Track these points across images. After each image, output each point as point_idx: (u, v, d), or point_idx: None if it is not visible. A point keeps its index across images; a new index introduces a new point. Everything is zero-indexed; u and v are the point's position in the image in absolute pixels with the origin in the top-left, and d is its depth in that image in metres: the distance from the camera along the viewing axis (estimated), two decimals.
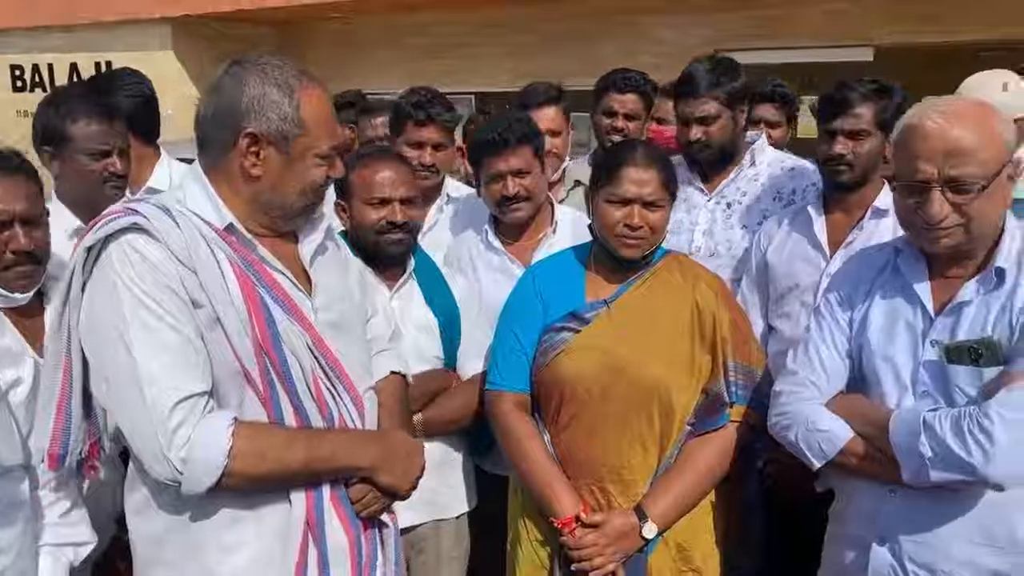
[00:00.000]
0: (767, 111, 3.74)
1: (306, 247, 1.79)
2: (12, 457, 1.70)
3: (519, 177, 2.54)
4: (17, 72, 10.70)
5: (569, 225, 2.68)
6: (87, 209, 2.42)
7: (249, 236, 1.67)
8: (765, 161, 2.96)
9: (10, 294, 1.98)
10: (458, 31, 8.90)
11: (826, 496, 2.15)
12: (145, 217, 1.55)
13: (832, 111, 2.52)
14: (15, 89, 10.61)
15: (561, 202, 3.25)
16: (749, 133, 3.03)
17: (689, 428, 2.11)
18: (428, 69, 9.08)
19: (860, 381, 1.92)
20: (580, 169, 3.43)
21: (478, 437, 2.45)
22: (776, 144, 3.53)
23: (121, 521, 2.14)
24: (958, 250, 1.79)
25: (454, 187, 3.18)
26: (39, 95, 10.08)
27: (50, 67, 10.43)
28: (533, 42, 8.49)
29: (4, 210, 1.96)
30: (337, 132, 1.73)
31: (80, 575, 1.95)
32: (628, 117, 3.43)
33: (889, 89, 2.51)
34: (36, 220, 2.02)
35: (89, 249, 1.56)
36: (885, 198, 2.52)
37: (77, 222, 3.06)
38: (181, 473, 1.50)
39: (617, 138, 3.29)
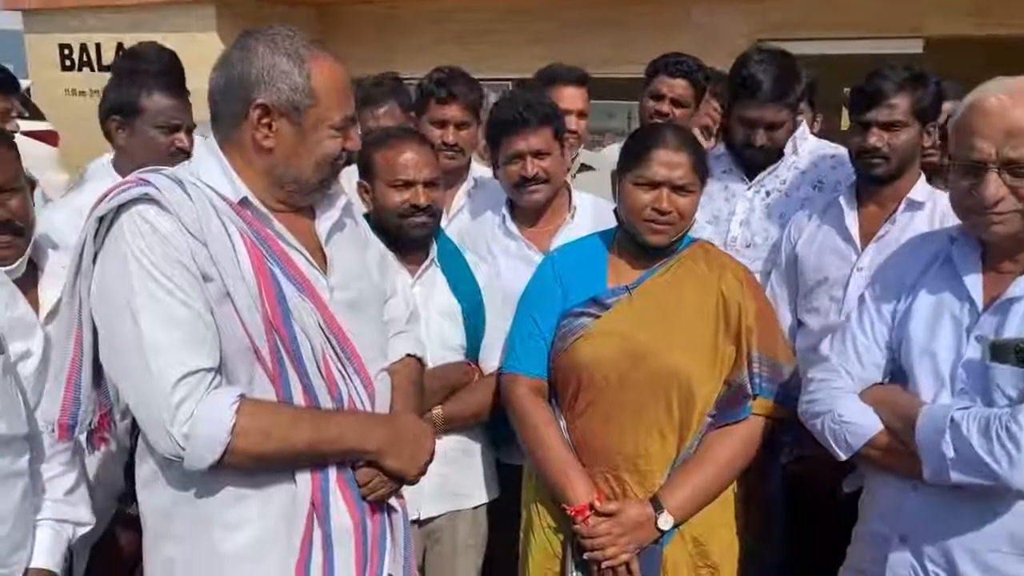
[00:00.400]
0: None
1: (323, 223, 1.76)
2: (17, 427, 1.68)
3: (538, 158, 2.47)
4: (66, 51, 10.90)
5: (589, 211, 2.61)
6: None
7: (264, 210, 1.64)
8: (807, 149, 2.88)
9: None
10: (496, 17, 8.86)
11: (853, 495, 2.10)
12: (156, 188, 1.54)
13: (865, 102, 2.42)
14: (63, 68, 10.80)
15: None
16: None
17: (710, 419, 2.06)
18: (466, 54, 9.06)
19: (899, 375, 1.85)
20: (588, 154, 3.36)
21: (497, 429, 2.41)
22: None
23: (122, 498, 2.16)
24: (1014, 239, 1.69)
25: (480, 170, 3.13)
26: (87, 74, 10.34)
27: (97, 47, 10.60)
28: (571, 30, 8.42)
29: None
30: (351, 103, 1.68)
31: (78, 554, 1.94)
32: (676, 103, 3.31)
33: (924, 77, 2.41)
34: (9, 188, 1.91)
35: (101, 219, 1.55)
36: (921, 189, 2.43)
37: None
38: (183, 448, 1.49)
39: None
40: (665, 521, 1.98)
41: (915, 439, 1.68)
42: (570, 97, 3.25)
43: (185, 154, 2.46)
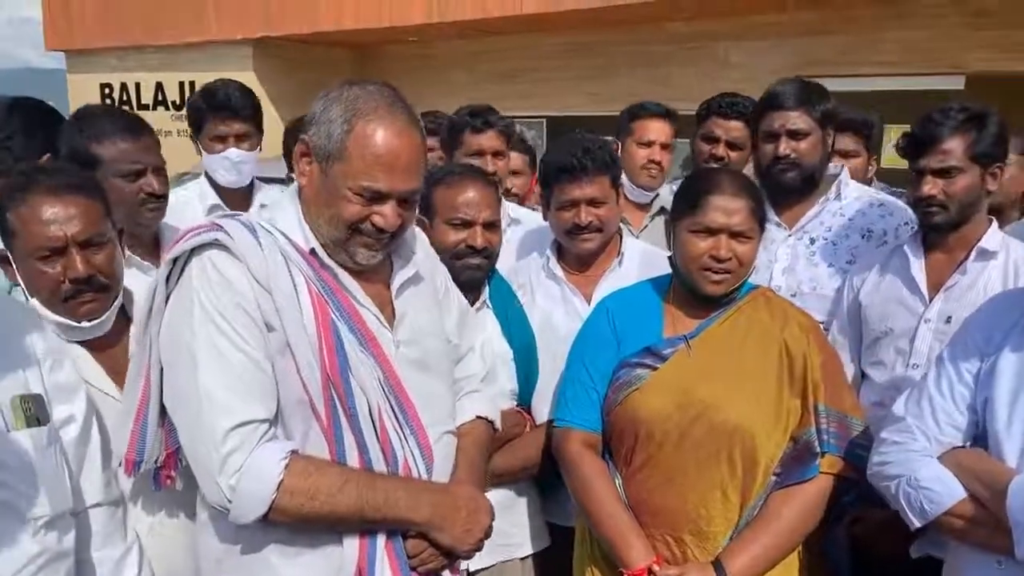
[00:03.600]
0: (844, 141, 3.46)
1: (397, 278, 1.73)
2: (61, 504, 1.60)
3: (593, 206, 2.38)
4: (107, 90, 11.15)
5: (637, 259, 2.51)
6: (129, 234, 2.31)
7: (330, 263, 1.63)
8: (851, 195, 2.75)
9: (77, 324, 1.82)
10: (532, 55, 8.91)
11: (921, 561, 1.98)
12: (228, 234, 1.54)
13: (917, 148, 2.30)
14: None
15: (643, 229, 3.15)
16: (830, 165, 2.83)
17: (775, 478, 1.95)
18: (501, 92, 9.10)
19: (982, 439, 1.74)
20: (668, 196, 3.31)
21: (544, 486, 2.34)
22: (854, 176, 3.36)
23: None
24: None
25: (514, 209, 3.08)
26: None
27: (137, 86, 10.83)
28: (606, 67, 8.44)
29: (55, 235, 1.78)
30: (389, 179, 1.58)
31: None
32: (731, 145, 3.23)
33: (983, 116, 2.26)
34: (96, 242, 1.84)
35: (174, 261, 1.56)
36: (992, 238, 2.30)
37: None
38: (230, 500, 1.47)
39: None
40: None
41: (1007, 512, 1.56)
42: (651, 128, 3.26)
43: (157, 198, 2.36)
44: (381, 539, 1.59)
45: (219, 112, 3.11)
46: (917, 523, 1.72)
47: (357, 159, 1.56)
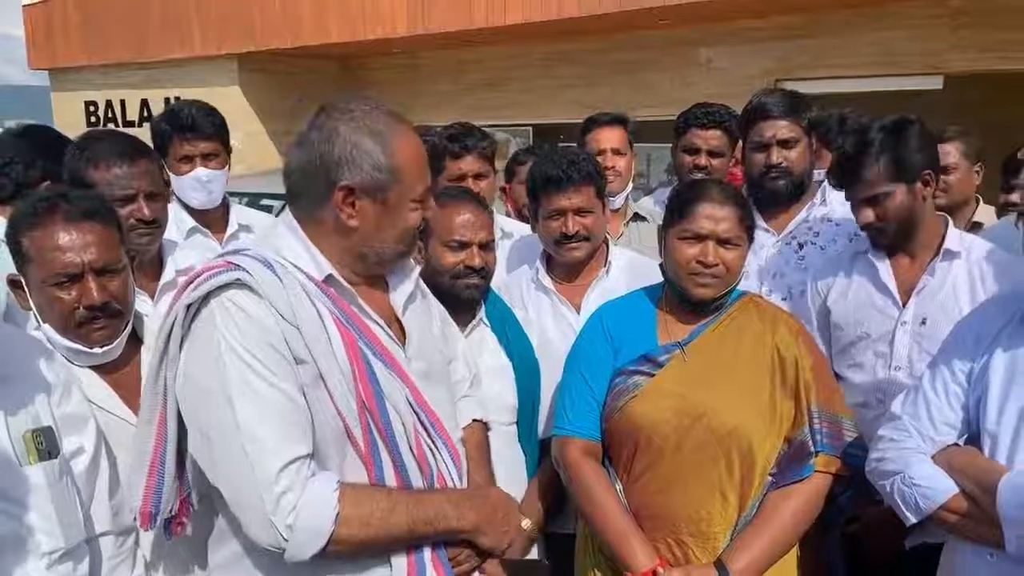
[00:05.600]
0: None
1: (399, 295, 1.75)
2: (76, 536, 1.61)
3: (580, 215, 2.45)
4: (91, 108, 11.14)
5: (624, 267, 2.58)
6: None
7: (348, 287, 1.63)
8: (836, 200, 2.81)
9: (89, 350, 1.83)
10: (516, 64, 8.98)
11: (915, 553, 2.03)
12: (248, 272, 1.52)
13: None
14: (89, 124, 11.02)
15: (620, 236, 3.21)
16: (816, 172, 2.91)
17: (771, 479, 2.01)
18: (487, 102, 9.17)
19: (976, 437, 1.80)
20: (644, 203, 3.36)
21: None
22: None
23: None
24: None
25: (506, 223, 3.14)
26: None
27: (122, 103, 10.83)
28: (588, 75, 8.51)
29: (72, 261, 1.79)
30: (428, 173, 1.68)
31: None
32: (712, 154, 3.28)
33: (901, 130, 2.30)
34: (111, 269, 1.84)
35: (189, 306, 1.53)
36: (953, 238, 2.37)
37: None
38: (286, 540, 1.46)
39: (699, 176, 3.18)
40: None
41: (997, 509, 1.62)
42: (605, 137, 3.29)
43: (148, 224, 2.36)
44: (427, 551, 1.60)
45: (183, 133, 3.03)
46: (913, 519, 1.77)
47: (408, 173, 1.60)
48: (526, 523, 2.22)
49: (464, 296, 2.29)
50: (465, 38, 8.41)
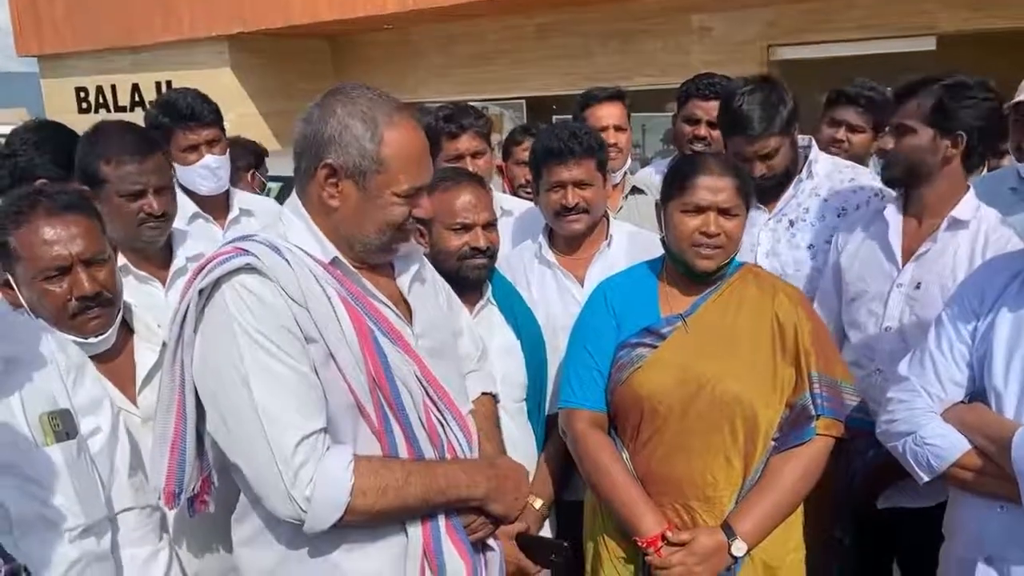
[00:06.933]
0: (849, 115, 3.50)
1: (404, 276, 1.79)
2: (97, 512, 1.67)
3: (580, 188, 2.48)
4: (82, 94, 11.09)
5: (625, 241, 2.62)
6: (129, 249, 2.40)
7: (353, 269, 1.68)
8: (822, 172, 2.82)
9: (84, 340, 1.87)
10: (507, 37, 8.94)
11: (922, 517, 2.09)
12: (256, 257, 1.57)
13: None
14: (80, 111, 10.98)
15: (619, 210, 3.24)
16: (800, 137, 2.87)
17: (774, 443, 2.07)
18: (479, 76, 9.14)
19: (982, 394, 1.84)
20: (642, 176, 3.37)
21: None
22: (855, 152, 3.40)
23: None
24: None
25: (506, 201, 3.16)
26: (103, 116, 10.46)
27: (113, 88, 10.78)
28: (581, 46, 8.48)
29: (60, 254, 1.82)
30: (423, 173, 1.69)
31: None
32: (712, 125, 3.26)
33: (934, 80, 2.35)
34: (99, 260, 1.89)
35: (201, 291, 1.58)
36: (966, 207, 2.36)
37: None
38: (305, 512, 1.52)
39: (699, 147, 3.20)
40: (739, 548, 1.98)
41: (1012, 463, 1.66)
42: (605, 114, 3.33)
43: (157, 218, 2.40)
44: (442, 520, 1.67)
45: (185, 123, 3.04)
46: (925, 478, 1.82)
47: (396, 165, 1.62)
48: (538, 503, 2.29)
49: (472, 277, 2.32)
50: (455, 12, 8.38)
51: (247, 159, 4.39)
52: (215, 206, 3.20)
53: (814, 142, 2.94)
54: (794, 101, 2.71)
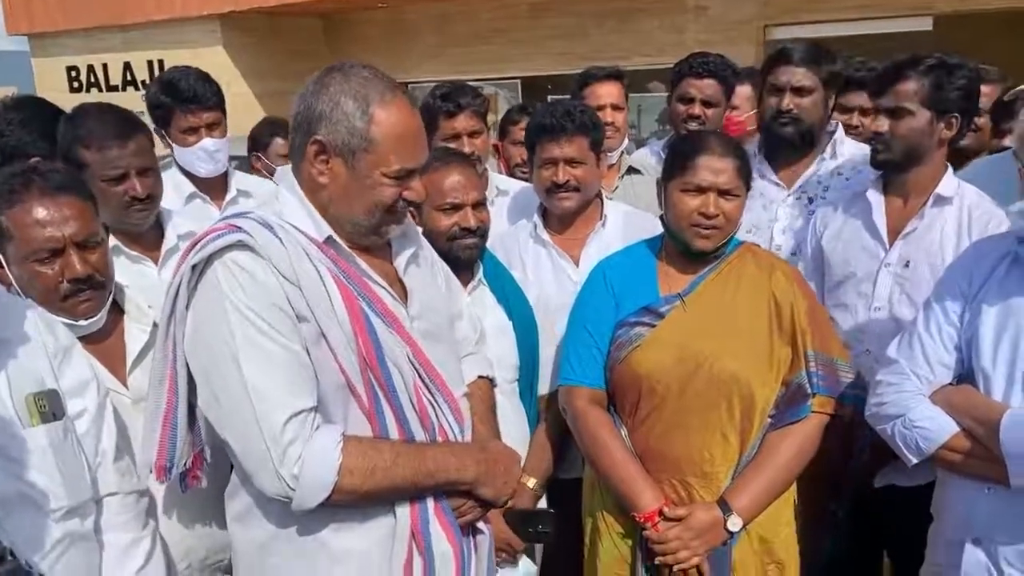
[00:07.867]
0: (862, 99, 3.44)
1: (401, 256, 1.79)
2: (82, 493, 1.67)
3: (571, 166, 2.49)
4: (73, 73, 10.98)
5: (620, 221, 2.62)
6: (120, 232, 2.39)
7: (347, 249, 1.67)
8: (846, 153, 2.85)
9: (74, 322, 1.85)
10: (502, 16, 8.89)
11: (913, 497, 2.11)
12: (249, 234, 1.56)
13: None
14: (72, 90, 10.87)
15: (615, 190, 3.24)
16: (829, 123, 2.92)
17: (770, 420, 2.09)
18: (473, 55, 9.09)
19: (968, 376, 1.85)
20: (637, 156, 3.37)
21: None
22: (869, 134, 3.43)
23: None
24: None
25: (502, 181, 3.16)
26: (95, 95, 10.38)
27: (104, 67, 10.68)
28: (576, 25, 8.44)
29: (53, 236, 1.80)
30: (415, 155, 1.66)
31: None
32: (706, 104, 3.28)
33: (943, 65, 2.33)
34: (91, 242, 1.87)
35: (194, 267, 1.58)
36: (948, 184, 2.39)
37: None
38: (292, 489, 1.52)
39: (694, 126, 3.21)
40: (734, 523, 2.01)
41: (1000, 446, 1.67)
42: (602, 93, 3.34)
43: (143, 200, 2.38)
44: (430, 502, 1.67)
45: (186, 104, 3.03)
46: (914, 460, 1.83)
47: (386, 145, 1.60)
48: (532, 482, 2.30)
49: (463, 257, 2.31)
50: None
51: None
52: (213, 187, 3.20)
53: (840, 126, 2.96)
54: (842, 75, 2.80)
